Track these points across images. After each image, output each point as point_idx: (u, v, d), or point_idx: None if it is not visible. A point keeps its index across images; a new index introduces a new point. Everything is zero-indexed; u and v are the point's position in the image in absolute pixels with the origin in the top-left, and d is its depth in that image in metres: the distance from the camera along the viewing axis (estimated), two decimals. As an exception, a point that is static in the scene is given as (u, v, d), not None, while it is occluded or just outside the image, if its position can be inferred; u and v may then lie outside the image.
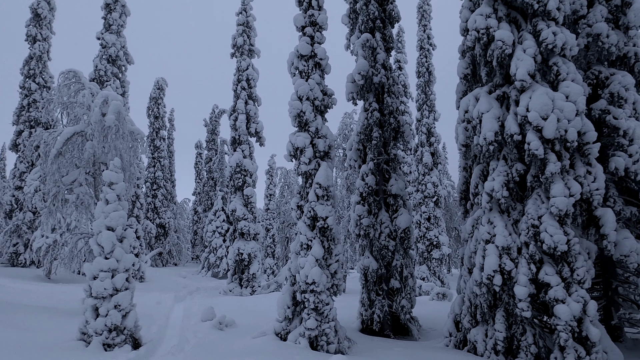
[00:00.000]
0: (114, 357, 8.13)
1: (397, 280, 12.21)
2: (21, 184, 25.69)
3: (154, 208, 36.72)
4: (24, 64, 27.16)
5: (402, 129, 12.93)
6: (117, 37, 26.87)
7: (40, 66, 27.30)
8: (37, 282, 19.69)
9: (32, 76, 27.05)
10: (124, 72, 27.24)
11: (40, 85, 27.18)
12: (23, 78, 27.04)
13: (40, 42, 27.31)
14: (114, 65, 26.56)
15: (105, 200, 9.48)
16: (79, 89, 14.77)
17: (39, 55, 27.20)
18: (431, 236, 24.22)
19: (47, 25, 27.76)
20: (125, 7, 27.57)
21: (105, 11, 26.97)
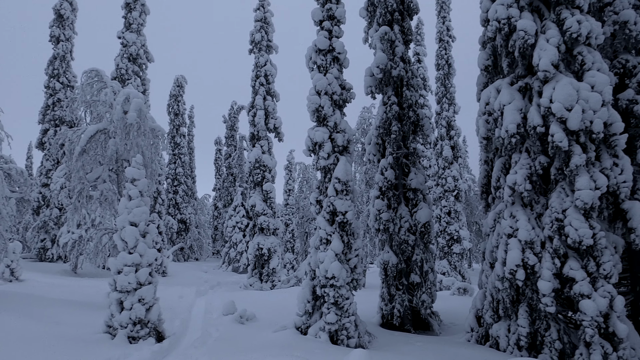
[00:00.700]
0: (139, 349, 8.30)
1: (417, 275, 12.13)
2: (47, 181, 26.38)
3: (175, 204, 37.28)
4: (48, 64, 27.81)
5: (421, 122, 12.80)
6: (138, 36, 27.28)
7: (63, 66, 27.91)
8: (64, 277, 20.24)
9: (56, 76, 27.68)
10: (145, 70, 27.66)
11: (64, 84, 27.80)
12: (47, 78, 27.69)
13: (64, 43, 27.90)
14: (135, 63, 26.99)
15: (128, 196, 9.66)
16: (101, 88, 15.05)
17: (62, 55, 27.80)
18: (451, 230, 23.98)
19: (69, 26, 28.33)
20: (144, 6, 27.94)
21: (126, 10, 27.39)
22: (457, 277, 23.54)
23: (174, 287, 18.31)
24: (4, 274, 15.60)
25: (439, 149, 25.04)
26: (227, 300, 13.25)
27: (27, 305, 10.87)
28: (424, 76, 27.13)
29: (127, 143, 13.91)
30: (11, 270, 15.87)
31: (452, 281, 21.40)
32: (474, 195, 34.43)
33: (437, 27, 25.89)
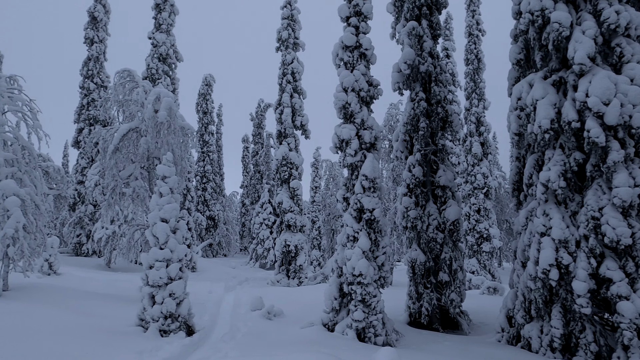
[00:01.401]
0: (170, 342, 8.50)
1: (446, 274, 11.96)
2: (83, 179, 27.29)
3: (204, 201, 37.94)
4: (82, 65, 28.71)
5: (450, 118, 12.58)
6: (167, 36, 27.83)
7: (97, 67, 28.77)
8: (99, 271, 20.92)
9: (91, 76, 28.56)
10: (174, 69, 28.21)
11: (98, 85, 28.66)
12: (82, 79, 28.60)
13: (97, 44, 28.75)
14: (165, 63, 27.56)
15: (159, 193, 9.89)
16: (133, 87, 15.43)
17: (96, 56, 28.65)
18: (481, 228, 23.51)
19: (103, 28, 29.17)
20: (174, 7, 28.47)
21: (156, 11, 27.98)
22: (486, 276, 23.08)
23: (203, 283, 18.64)
24: (43, 268, 16.25)
25: (468, 145, 24.57)
26: (255, 296, 13.40)
27: (65, 297, 11.29)
28: (452, 71, 26.66)
29: (157, 141, 14.23)
30: (50, 264, 16.51)
31: (482, 280, 21.00)
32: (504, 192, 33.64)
33: (466, 21, 25.36)
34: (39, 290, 11.73)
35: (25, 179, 12.00)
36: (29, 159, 12.50)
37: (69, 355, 7.14)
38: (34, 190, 12.12)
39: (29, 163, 12.44)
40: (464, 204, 24.06)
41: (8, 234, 10.76)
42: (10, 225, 10.81)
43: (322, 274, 21.68)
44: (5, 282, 11.26)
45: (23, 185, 11.92)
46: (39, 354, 7.05)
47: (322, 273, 21.63)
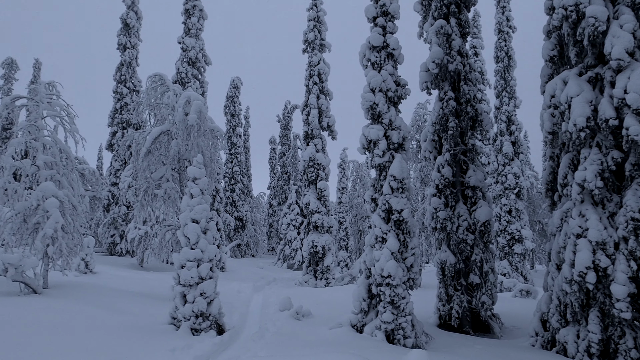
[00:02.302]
0: (201, 341, 8.65)
1: (477, 276, 11.73)
2: (116, 181, 28.11)
3: (232, 202, 38.47)
4: (116, 70, 29.59)
5: (480, 117, 12.35)
6: (196, 40, 28.39)
7: (130, 72, 29.60)
8: (132, 270, 21.50)
9: (123, 81, 29.41)
10: (203, 73, 28.75)
11: (130, 89, 29.49)
12: (115, 83, 29.49)
13: (130, 50, 29.58)
14: (194, 67, 28.12)
15: (190, 194, 10.09)
16: (164, 91, 15.81)
17: (128, 61, 29.48)
18: (512, 230, 22.97)
19: (135, 34, 30.00)
20: (202, 11, 29.02)
21: (185, 16, 28.58)
22: (518, 279, 22.52)
23: (232, 283, 18.90)
24: (79, 267, 16.82)
25: (498, 144, 24.04)
26: (283, 296, 13.50)
27: (101, 295, 11.66)
28: (481, 70, 26.15)
29: (188, 143, 14.52)
30: (86, 263, 17.08)
31: (514, 283, 20.50)
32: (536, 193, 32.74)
33: (496, 18, 24.85)
34: (76, 288, 12.16)
35: (64, 181, 12.46)
36: (67, 162, 12.98)
37: (104, 352, 7.38)
38: (72, 192, 12.57)
39: (66, 166, 12.91)
40: (494, 204, 23.55)
41: (48, 233, 11.20)
42: (50, 226, 11.24)
43: (349, 275, 21.63)
44: (45, 280, 11.73)
45: (61, 187, 12.39)
46: (76, 349, 7.31)
47: (350, 274, 21.58)
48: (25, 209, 11.62)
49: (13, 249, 12.39)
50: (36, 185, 12.25)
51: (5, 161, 11.91)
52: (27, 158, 12.49)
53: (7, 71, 37.88)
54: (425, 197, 24.40)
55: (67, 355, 6.99)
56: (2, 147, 12.74)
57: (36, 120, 12.51)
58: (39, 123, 12.53)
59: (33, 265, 10.90)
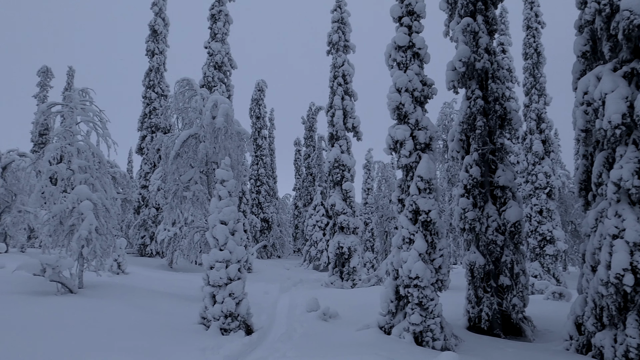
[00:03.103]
0: (230, 341, 8.78)
1: (507, 277, 11.48)
2: (146, 183, 28.82)
3: (258, 203, 38.85)
4: (144, 76, 30.36)
5: (509, 116, 12.09)
6: (222, 45, 28.84)
7: (158, 77, 30.32)
8: (162, 270, 21.99)
9: (152, 86, 30.13)
10: (229, 76, 29.18)
11: (158, 94, 30.20)
12: (144, 89, 30.24)
13: (158, 56, 30.29)
14: (220, 71, 28.56)
15: (218, 196, 10.25)
16: (192, 95, 16.13)
17: (156, 67, 30.20)
18: (544, 230, 22.37)
19: (162, 40, 30.72)
20: (228, 16, 29.46)
21: (211, 22, 29.08)
22: (550, 281, 21.91)
23: (259, 283, 19.08)
24: (112, 267, 17.32)
25: (528, 143, 23.48)
26: (309, 298, 13.54)
27: (133, 295, 11.97)
28: (509, 67, 25.60)
29: (215, 146, 14.77)
30: (118, 263, 17.57)
31: (546, 285, 19.97)
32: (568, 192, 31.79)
33: (524, 14, 24.29)
34: (109, 288, 12.52)
35: (97, 184, 12.86)
36: (99, 165, 13.39)
37: (137, 350, 7.57)
38: (104, 194, 12.96)
39: (99, 169, 13.32)
40: (524, 204, 23.01)
41: (82, 235, 11.57)
42: (85, 228, 11.62)
43: (376, 276, 21.51)
44: (80, 280, 12.12)
45: (95, 190, 12.78)
46: (111, 348, 7.53)
47: (376, 275, 21.46)
48: (61, 212, 12.05)
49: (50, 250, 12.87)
50: (71, 189, 12.68)
51: (43, 166, 12.39)
52: (63, 162, 12.95)
53: (43, 79, 39.38)
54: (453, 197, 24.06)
55: (102, 353, 7.21)
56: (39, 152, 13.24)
57: (71, 126, 12.95)
58: (73, 128, 12.97)
59: (69, 266, 11.29)
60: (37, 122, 13.52)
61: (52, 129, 15.04)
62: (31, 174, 19.74)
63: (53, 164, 12.64)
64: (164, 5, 30.95)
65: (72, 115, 13.06)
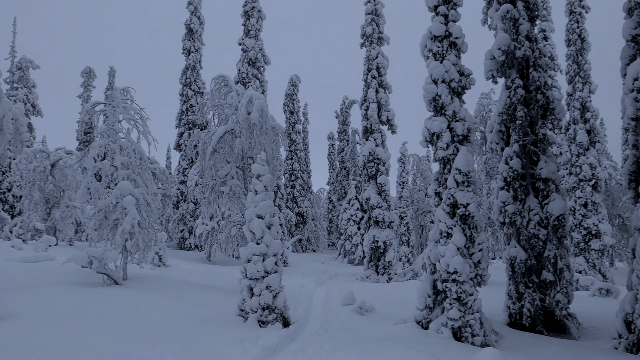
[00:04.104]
0: (268, 332, 8.91)
1: (550, 273, 11.09)
2: (184, 179, 29.58)
3: (293, 197, 39.16)
4: (181, 74, 31.05)
5: (551, 105, 11.63)
6: (256, 41, 29.10)
7: (194, 75, 30.95)
8: (200, 264, 22.57)
9: (189, 84, 30.80)
10: (263, 72, 29.44)
11: (195, 91, 30.83)
12: (181, 87, 30.95)
13: (194, 54, 30.91)
14: (254, 67, 28.86)
15: (255, 191, 10.38)
16: (227, 92, 16.37)
17: (193, 65, 30.82)
18: (589, 224, 21.45)
19: (198, 38, 31.30)
20: (261, 12, 29.68)
21: (245, 18, 29.38)
22: (596, 276, 21.01)
23: (295, 277, 19.26)
24: (154, 260, 17.92)
25: (571, 133, 22.51)
26: (345, 291, 13.55)
27: (173, 287, 12.35)
28: (551, 54, 24.58)
29: (251, 141, 14.95)
30: (159, 256, 18.16)
31: (592, 281, 19.17)
32: (616, 184, 30.32)
33: (567, -2, 23.22)
34: (152, 280, 12.96)
35: (138, 180, 13.30)
36: (140, 162, 13.83)
37: (180, 341, 7.81)
38: (146, 190, 13.38)
39: (140, 165, 13.76)
40: (568, 197, 22.12)
41: (126, 229, 12.02)
42: (128, 222, 12.06)
43: (412, 270, 21.29)
44: (124, 272, 12.61)
45: (136, 185, 13.23)
46: (153, 338, 7.80)
47: (412, 270, 21.23)
48: (105, 207, 12.54)
49: (96, 243, 13.45)
50: (114, 185, 13.17)
51: (88, 163, 12.92)
52: (106, 159, 13.47)
53: (86, 79, 41.02)
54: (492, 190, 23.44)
55: (147, 343, 7.48)
56: (85, 150, 13.82)
57: (113, 124, 13.43)
58: (115, 126, 13.44)
59: (114, 259, 11.76)
60: (82, 121, 14.11)
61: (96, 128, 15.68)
62: (77, 171, 20.67)
63: (97, 161, 13.14)
64: (199, 4, 31.50)
65: (114, 114, 13.53)
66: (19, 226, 22.82)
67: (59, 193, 22.36)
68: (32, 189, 21.45)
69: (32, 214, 21.83)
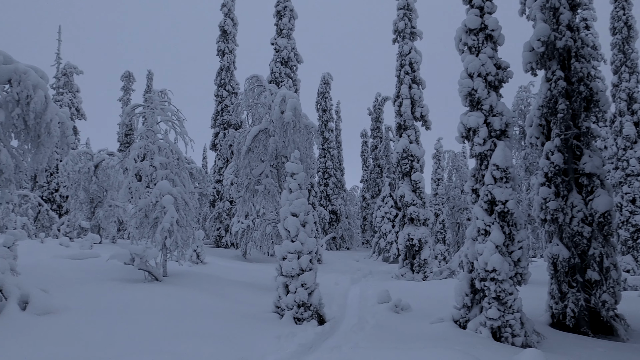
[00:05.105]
0: (304, 330, 8.98)
1: (596, 272, 10.63)
2: (220, 178, 30.18)
3: (326, 196, 39.23)
4: (216, 75, 31.66)
5: (595, 97, 11.13)
6: (288, 40, 29.31)
7: (228, 76, 31.49)
8: (236, 261, 22.98)
9: (223, 85, 31.37)
10: (295, 71, 29.62)
11: (229, 92, 31.38)
12: (216, 87, 31.56)
13: (228, 55, 31.44)
14: (287, 66, 29.08)
15: (289, 189, 10.47)
16: (261, 91, 16.58)
17: (227, 66, 31.37)
18: (637, 221, 20.44)
19: (232, 39, 31.82)
20: (293, 11, 29.86)
21: (277, 18, 29.64)
22: (645, 276, 20.00)
23: (329, 274, 19.31)
24: (192, 257, 18.39)
25: (617, 126, 21.49)
26: (380, 289, 13.47)
27: (212, 284, 12.63)
28: (594, 44, 23.52)
29: (284, 140, 15.09)
30: (197, 254, 18.62)
31: (640, 280, 18.24)
32: (666, 179, 28.70)
33: (611, -16, 22.16)
34: (190, 276, 13.31)
35: (176, 180, 13.67)
36: (178, 162, 14.20)
37: (218, 336, 7.98)
38: (184, 189, 13.74)
39: (178, 165, 14.13)
40: (614, 193, 21.15)
41: (165, 227, 12.38)
42: (167, 220, 12.42)
43: (448, 268, 20.91)
44: (164, 269, 13.00)
45: (175, 185, 13.60)
46: (191, 331, 8.01)
47: (449, 268, 20.85)
48: (146, 206, 12.97)
49: (137, 240, 13.93)
50: (153, 184, 13.59)
51: (129, 163, 13.39)
52: (146, 160, 13.91)
53: (126, 83, 42.50)
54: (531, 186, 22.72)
55: (188, 338, 7.69)
56: (125, 151, 14.32)
57: (152, 126, 13.86)
58: (154, 128, 13.86)
59: (154, 256, 12.13)
60: (122, 123, 14.64)
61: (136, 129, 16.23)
62: (119, 172, 21.48)
63: (138, 161, 13.60)
64: (233, 6, 32.00)
65: (153, 116, 13.95)
66: (66, 225, 23.95)
67: (102, 193, 23.30)
68: (78, 189, 22.44)
69: (77, 213, 22.84)
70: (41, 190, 30.19)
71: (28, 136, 8.72)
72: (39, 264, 12.10)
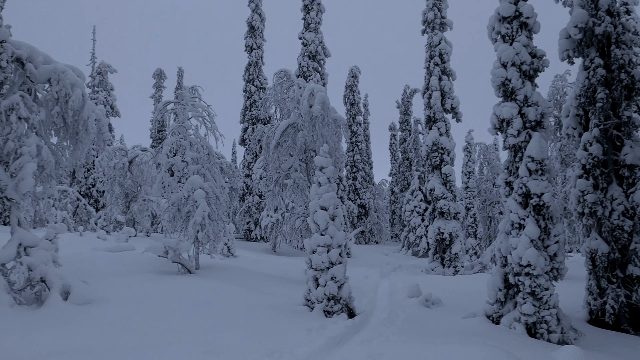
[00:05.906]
0: (334, 323, 9.01)
1: (637, 267, 10.20)
2: (249, 172, 30.54)
3: (355, 189, 39.11)
4: (244, 70, 31.96)
5: (638, 85, 10.62)
6: (315, 34, 29.28)
7: (256, 71, 31.73)
8: (266, 254, 23.27)
9: (252, 80, 31.64)
10: (323, 65, 29.58)
11: (257, 87, 31.63)
12: (245, 83, 31.87)
13: (256, 50, 31.66)
14: (314, 60, 29.07)
15: (318, 183, 10.49)
16: (289, 86, 16.64)
17: (255, 61, 31.61)
18: (682, 215, 19.47)
19: (259, 35, 32.01)
20: (320, 5, 29.78)
21: (304, 12, 29.63)
22: (691, 273, 19.07)
23: (359, 268, 19.29)
24: (223, 250, 18.73)
25: (660, 115, 20.49)
26: (410, 283, 13.36)
27: (243, 277, 12.83)
28: (635, 30, 22.41)
29: (313, 134, 15.11)
30: (228, 247, 18.95)
31: (685, 277, 17.42)
32: None
33: (654, -34, 21.03)
34: (221, 269, 13.57)
35: (207, 174, 13.92)
36: (209, 157, 14.45)
37: (250, 328, 8.12)
38: (214, 183, 13.98)
39: (208, 160, 14.38)
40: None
41: (197, 221, 12.64)
42: (199, 214, 12.67)
43: (479, 263, 20.54)
44: (197, 262, 13.30)
45: (206, 179, 13.84)
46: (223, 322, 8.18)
47: (480, 262, 20.48)
48: (178, 200, 13.27)
49: (170, 234, 14.28)
50: (185, 179, 13.88)
51: (162, 159, 13.71)
52: (177, 155, 14.21)
53: (157, 80, 43.45)
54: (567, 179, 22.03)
55: (221, 329, 7.86)
56: (158, 147, 14.67)
57: (183, 121, 14.13)
58: (185, 123, 14.13)
59: (187, 249, 12.42)
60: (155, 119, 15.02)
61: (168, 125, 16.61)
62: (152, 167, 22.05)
63: (170, 156, 13.91)
64: (260, 1, 32.16)
65: (184, 112, 14.22)
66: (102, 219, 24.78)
67: (136, 188, 23.99)
68: (113, 184, 23.19)
69: (113, 207, 23.61)
70: (79, 186, 31.35)
71: (67, 133, 9.06)
72: (79, 256, 12.59)
